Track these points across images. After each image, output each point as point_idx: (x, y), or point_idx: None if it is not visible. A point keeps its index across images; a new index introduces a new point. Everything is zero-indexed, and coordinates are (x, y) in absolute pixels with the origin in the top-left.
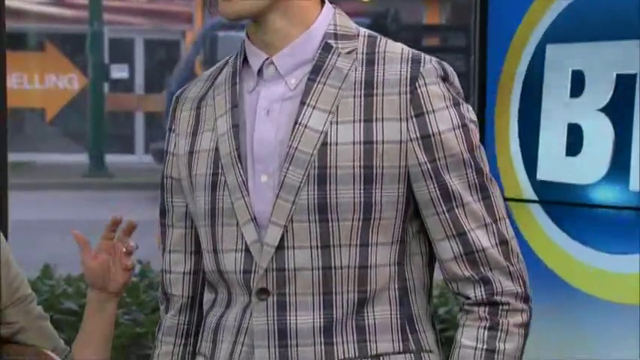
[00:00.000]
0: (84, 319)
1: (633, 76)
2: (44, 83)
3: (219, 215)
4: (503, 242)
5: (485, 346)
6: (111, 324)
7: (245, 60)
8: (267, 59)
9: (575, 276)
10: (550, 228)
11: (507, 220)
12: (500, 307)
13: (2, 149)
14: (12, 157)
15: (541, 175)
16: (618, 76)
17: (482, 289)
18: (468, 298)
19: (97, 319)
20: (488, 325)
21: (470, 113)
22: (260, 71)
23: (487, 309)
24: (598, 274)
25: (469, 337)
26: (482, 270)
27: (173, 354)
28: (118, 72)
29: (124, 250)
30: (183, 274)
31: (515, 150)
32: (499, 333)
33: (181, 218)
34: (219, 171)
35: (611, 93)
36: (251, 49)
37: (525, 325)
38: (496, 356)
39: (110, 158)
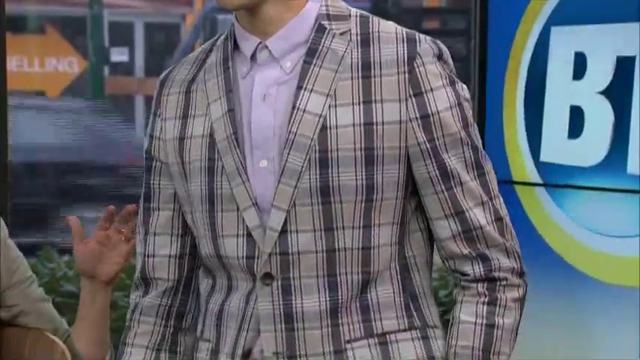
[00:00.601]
0: (79, 307)
1: (633, 59)
2: (44, 66)
3: (218, 201)
4: (498, 219)
5: (484, 321)
6: (104, 314)
7: (235, 43)
8: (260, 43)
9: (577, 258)
10: (553, 210)
11: (500, 197)
12: (498, 283)
13: (3, 132)
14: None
15: (544, 157)
16: (618, 58)
17: (481, 265)
18: (466, 274)
19: (90, 308)
20: (487, 300)
21: (464, 91)
22: (253, 56)
23: (485, 285)
24: (599, 256)
25: (468, 312)
26: (480, 247)
27: (153, 333)
28: (118, 55)
29: (122, 237)
30: (169, 257)
31: (521, 133)
32: (497, 308)
33: (169, 201)
34: (216, 156)
35: (612, 75)
36: (242, 34)
37: (522, 300)
38: (495, 331)
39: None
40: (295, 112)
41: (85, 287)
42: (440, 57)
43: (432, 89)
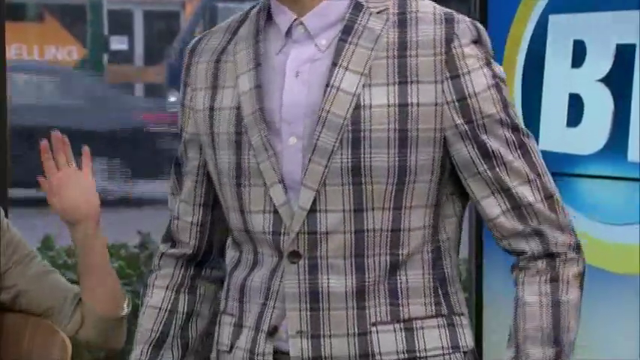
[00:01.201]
0: (79, 262)
1: (633, 47)
2: (44, 55)
3: (245, 175)
4: (548, 196)
5: (550, 300)
6: (106, 259)
7: (269, 17)
8: (295, 19)
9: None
10: None
11: (549, 174)
12: (558, 259)
13: (2, 120)
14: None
15: (542, 145)
16: (618, 46)
17: (538, 241)
18: (523, 252)
19: (89, 256)
20: (549, 278)
21: (500, 71)
22: (288, 31)
23: (545, 262)
24: (598, 245)
25: (532, 292)
26: (532, 223)
27: (173, 276)
28: (118, 44)
29: (73, 166)
30: (191, 224)
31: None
32: (561, 284)
33: (192, 172)
34: (242, 130)
35: (611, 63)
36: (278, 8)
37: (582, 274)
38: (562, 308)
39: None
40: (329, 89)
41: (76, 235)
42: (478, 38)
43: (469, 72)
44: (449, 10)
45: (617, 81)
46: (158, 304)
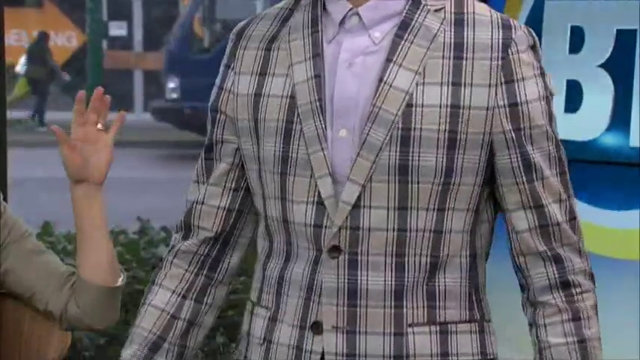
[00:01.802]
0: (76, 222)
1: (633, 32)
2: None
3: (292, 165)
4: (573, 219)
5: (576, 339)
6: (103, 223)
7: (323, 5)
8: (351, 9)
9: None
10: None
11: (574, 198)
12: (574, 291)
13: (1, 106)
14: (10, 114)
15: None
16: (619, 31)
17: (555, 267)
18: (539, 276)
19: (87, 217)
20: (571, 316)
21: (551, 85)
22: (342, 21)
23: (562, 295)
24: (598, 231)
25: (557, 334)
26: (555, 245)
27: (183, 278)
28: (117, 29)
29: (99, 127)
30: (218, 208)
31: None
32: (583, 321)
33: (229, 154)
34: (295, 119)
35: (611, 48)
36: None
37: (596, 305)
38: (588, 344)
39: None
40: (382, 85)
41: (77, 193)
42: (533, 46)
43: (523, 78)
44: (505, 16)
45: (618, 66)
46: (161, 306)
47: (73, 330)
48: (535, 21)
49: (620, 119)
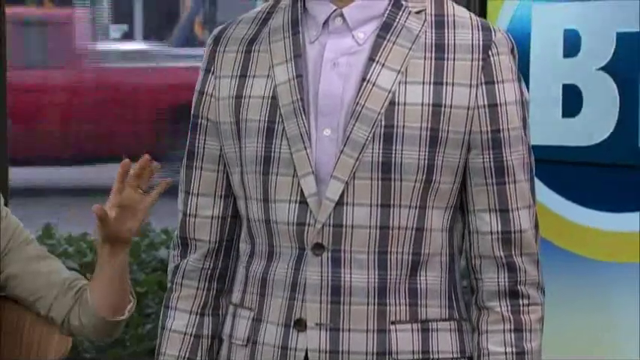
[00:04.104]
0: (97, 267)
1: (634, 35)
2: None
3: (275, 164)
4: (536, 227)
5: (514, 350)
6: (125, 265)
7: (304, 7)
8: (334, 10)
9: (576, 240)
10: (548, 195)
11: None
12: (522, 302)
13: (2, 106)
14: None
15: (535, 140)
16: (619, 34)
17: (507, 275)
18: (489, 280)
19: (108, 268)
20: (513, 327)
21: (526, 92)
22: (325, 22)
23: (509, 304)
24: (599, 235)
25: (496, 342)
26: (513, 253)
27: (196, 297)
28: (118, 31)
29: (141, 192)
30: (211, 218)
31: None
32: (525, 333)
33: (213, 161)
34: (277, 119)
35: (612, 51)
36: None
37: (543, 319)
38: (526, 357)
39: None
40: (365, 84)
41: (104, 250)
42: (512, 50)
43: (503, 81)
44: (483, 19)
45: (620, 68)
46: (182, 329)
47: (74, 337)
48: (522, 24)
49: (626, 122)
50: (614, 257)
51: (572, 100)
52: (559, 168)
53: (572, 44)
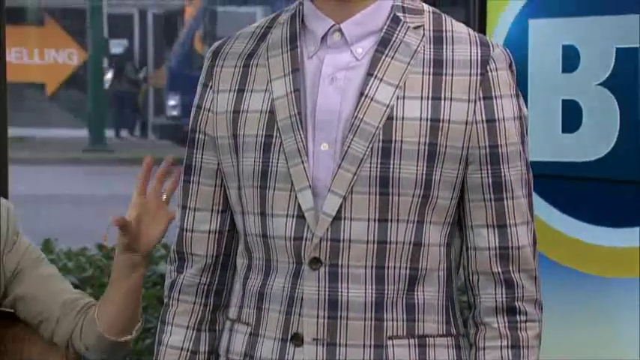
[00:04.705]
0: (112, 279)
1: (634, 50)
2: (44, 58)
3: (272, 178)
4: (534, 243)
5: None
6: (137, 287)
7: (302, 22)
8: (333, 26)
9: (576, 256)
10: (551, 214)
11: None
12: (519, 318)
13: (2, 123)
14: (12, 131)
15: (534, 156)
16: (618, 50)
17: (505, 291)
18: (487, 296)
19: (124, 282)
20: (510, 343)
21: (524, 108)
22: (324, 37)
23: (506, 320)
24: (600, 250)
25: (494, 359)
26: (511, 269)
27: (193, 312)
28: (118, 47)
29: (164, 198)
30: (208, 232)
31: None
32: (522, 350)
33: (210, 176)
34: (275, 134)
35: (611, 67)
36: (315, 14)
37: (540, 335)
38: None
39: (110, 133)
40: (363, 99)
41: (121, 261)
42: (510, 66)
43: (501, 96)
44: (481, 34)
45: (620, 84)
46: (179, 345)
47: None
48: (518, 39)
49: (627, 136)
50: (615, 273)
51: (571, 116)
52: (559, 183)
53: (570, 60)
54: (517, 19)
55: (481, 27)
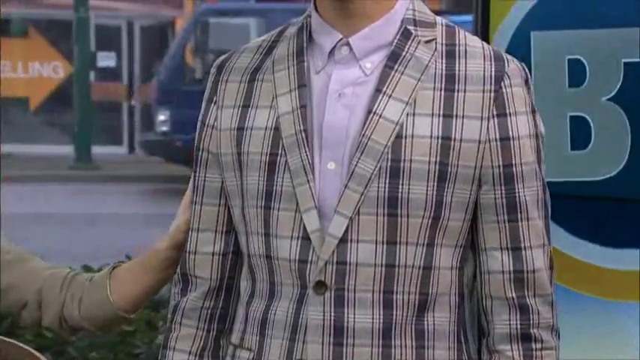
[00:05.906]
0: (143, 268)
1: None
2: (28, 71)
3: (276, 199)
4: (551, 267)
5: None
6: (163, 281)
7: (309, 36)
8: (340, 40)
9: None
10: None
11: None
12: (535, 346)
13: None
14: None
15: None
16: (626, 64)
17: (519, 317)
18: (501, 323)
19: (163, 273)
20: None
21: (541, 125)
22: (331, 51)
23: (521, 348)
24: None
25: None
26: (526, 294)
27: (195, 337)
28: (105, 60)
29: None
30: (212, 254)
31: None
32: None
33: (214, 195)
34: (280, 152)
35: (620, 81)
36: (323, 27)
37: None
38: None
39: (96, 150)
40: (371, 116)
41: (167, 256)
42: (526, 82)
43: (516, 113)
44: (497, 49)
45: (629, 98)
46: None
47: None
48: (520, 53)
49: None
50: (623, 296)
51: (580, 132)
52: (568, 203)
53: (577, 74)
54: (518, 31)
55: (484, 38)
